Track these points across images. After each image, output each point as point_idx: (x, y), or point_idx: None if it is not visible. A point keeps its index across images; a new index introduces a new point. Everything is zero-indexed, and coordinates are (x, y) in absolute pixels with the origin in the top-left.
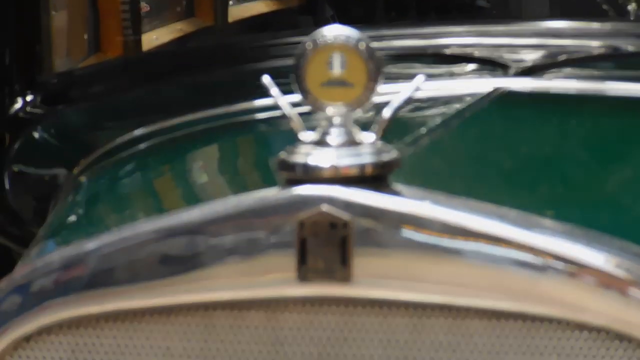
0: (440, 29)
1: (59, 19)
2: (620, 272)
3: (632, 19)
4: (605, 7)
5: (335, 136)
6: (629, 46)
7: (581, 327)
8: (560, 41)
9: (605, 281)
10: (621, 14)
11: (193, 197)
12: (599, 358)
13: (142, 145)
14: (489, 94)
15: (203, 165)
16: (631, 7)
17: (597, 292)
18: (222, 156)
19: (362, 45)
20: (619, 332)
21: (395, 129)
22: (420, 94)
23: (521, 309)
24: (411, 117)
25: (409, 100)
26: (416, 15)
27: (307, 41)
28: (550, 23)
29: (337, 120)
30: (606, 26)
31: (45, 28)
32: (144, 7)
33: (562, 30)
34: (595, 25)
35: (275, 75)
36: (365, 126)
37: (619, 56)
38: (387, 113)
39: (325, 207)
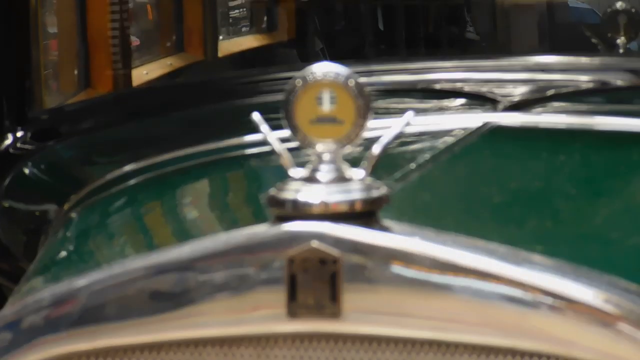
0: (430, 64)
1: (49, 54)
2: (609, 307)
3: (621, 52)
4: (594, 41)
5: (324, 172)
6: (618, 80)
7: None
8: (549, 76)
9: (594, 316)
10: (610, 48)
11: (183, 234)
12: None
13: (133, 181)
14: (479, 129)
15: (193, 201)
16: (620, 41)
17: (586, 327)
18: (212, 192)
19: (352, 82)
20: None
21: (384, 165)
22: (410, 129)
23: (511, 344)
24: (401, 152)
25: (399, 136)
26: (406, 50)
27: (296, 78)
28: (539, 58)
29: (326, 156)
30: (595, 61)
31: (36, 63)
32: (134, 41)
33: (550, 65)
34: (584, 60)
35: (265, 111)
36: (354, 162)
37: (608, 90)
38: (376, 149)
39: (315, 244)
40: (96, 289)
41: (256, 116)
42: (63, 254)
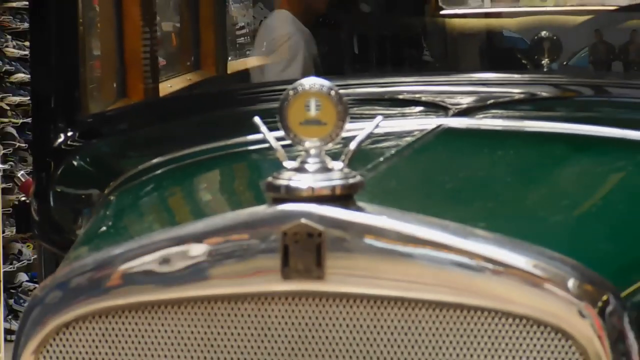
0: (395, 79)
1: (94, 72)
2: (537, 271)
3: (545, 70)
4: (524, 61)
5: (311, 164)
6: (543, 92)
7: (507, 315)
8: (488, 89)
9: (526, 278)
10: (536, 67)
11: (198, 212)
12: (521, 340)
13: (159, 171)
14: (433, 130)
15: (206, 187)
16: (544, 61)
17: (519, 287)
18: (221, 180)
19: (333, 92)
20: (537, 319)
21: (359, 158)
22: (379, 130)
23: (460, 301)
24: (372, 149)
25: (370, 136)
26: (375, 68)
27: (289, 89)
28: (481, 74)
29: (313, 151)
30: (525, 76)
31: (83, 78)
32: (161, 61)
33: (490, 80)
34: (516, 76)
35: (264, 116)
36: (335, 156)
37: (535, 100)
38: (352, 145)
39: (303, 221)
40: (129, 256)
41: (257, 119)
42: (103, 228)
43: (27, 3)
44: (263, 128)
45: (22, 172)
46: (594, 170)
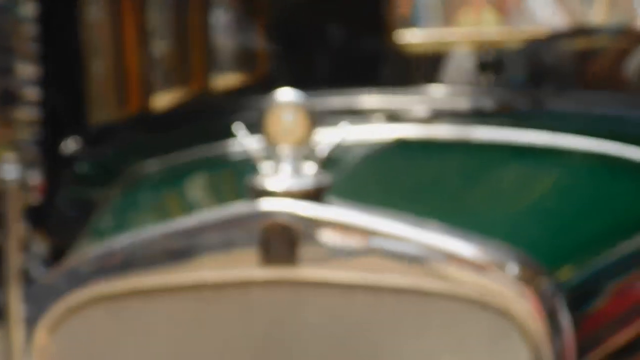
0: (359, 93)
1: (97, 88)
2: (481, 258)
3: (489, 86)
4: (469, 78)
5: (286, 166)
6: (488, 105)
7: (456, 297)
8: (440, 102)
9: (472, 265)
10: (480, 83)
11: (188, 209)
12: (468, 319)
13: (154, 174)
14: (392, 141)
15: (195, 187)
16: (489, 78)
17: (466, 273)
18: (208, 180)
19: (304, 103)
20: (482, 301)
21: (328, 161)
22: (345, 138)
23: (415, 286)
24: (339, 153)
25: (338, 145)
26: (342, 83)
27: (270, 99)
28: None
29: (287, 155)
30: (472, 93)
31: (87, 94)
32: (158, 78)
33: (439, 96)
34: (464, 92)
35: (247, 124)
36: (307, 158)
37: (482, 113)
38: (323, 150)
39: (279, 216)
40: (128, 247)
41: (238, 128)
42: (105, 224)
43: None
44: (243, 134)
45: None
46: (530, 171)
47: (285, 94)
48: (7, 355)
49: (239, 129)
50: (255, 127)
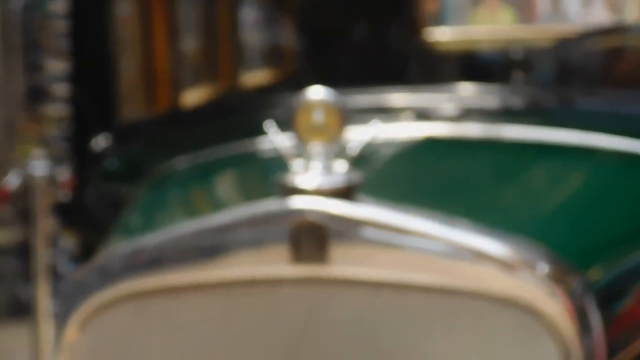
0: (388, 91)
1: (127, 87)
2: (511, 257)
3: (518, 85)
4: (498, 76)
5: (317, 164)
6: (517, 103)
7: (485, 296)
8: (467, 101)
9: (502, 264)
10: (508, 80)
11: (218, 206)
12: (497, 318)
13: (182, 169)
14: (422, 136)
15: (224, 184)
16: (518, 77)
17: (496, 272)
18: (238, 177)
19: (335, 101)
20: (511, 299)
21: (359, 159)
22: (375, 136)
23: (444, 284)
24: (370, 151)
25: (368, 141)
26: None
27: (299, 97)
28: (462, 87)
29: (318, 153)
30: (500, 92)
31: (118, 93)
32: (186, 75)
33: (467, 94)
34: (492, 90)
35: (277, 121)
36: (338, 156)
37: (511, 112)
38: (354, 148)
39: (310, 213)
40: (158, 245)
41: (268, 125)
42: (135, 221)
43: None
44: (274, 132)
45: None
46: (560, 170)
47: (316, 92)
48: (35, 349)
49: (269, 126)
50: (284, 124)
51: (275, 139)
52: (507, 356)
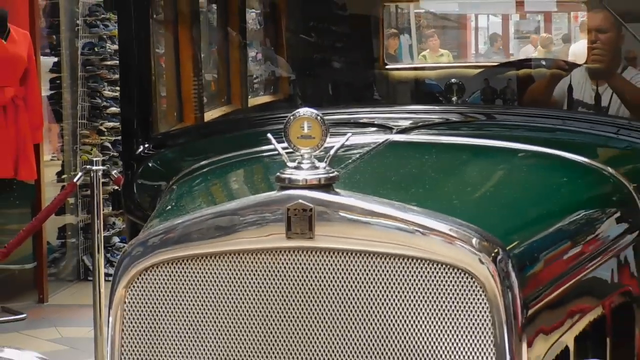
0: (358, 109)
1: (161, 106)
2: (452, 233)
3: (454, 104)
4: (440, 98)
5: (305, 164)
6: (453, 117)
7: (432, 262)
8: (418, 115)
9: (445, 238)
10: (449, 102)
11: (231, 196)
12: (442, 278)
13: (205, 169)
14: (383, 142)
15: (237, 179)
16: (454, 98)
17: (441, 243)
18: (248, 174)
19: (318, 117)
20: (452, 264)
21: (336, 160)
22: (348, 143)
23: (402, 252)
24: (344, 154)
25: (342, 146)
26: (346, 101)
27: (292, 114)
28: (413, 106)
29: (306, 156)
30: (442, 109)
31: (155, 111)
32: (207, 97)
33: (418, 110)
34: (436, 108)
35: (274, 133)
36: (320, 159)
37: (449, 123)
38: (331, 152)
39: (300, 200)
40: (186, 224)
41: (269, 135)
42: (168, 207)
43: (117, 62)
44: (273, 141)
45: (114, 171)
46: (487, 167)
47: (304, 110)
48: (94, 303)
49: (269, 136)
50: (281, 134)
51: (274, 145)
52: (449, 307)
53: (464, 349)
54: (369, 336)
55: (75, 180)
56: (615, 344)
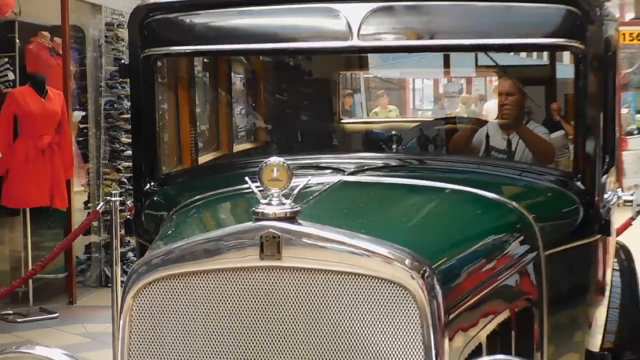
0: (316, 156)
1: (164, 152)
2: (390, 255)
3: (394, 151)
4: (383, 146)
5: (274, 200)
6: (393, 162)
7: (375, 278)
8: (365, 161)
9: (384, 259)
10: (389, 149)
11: (217, 225)
12: (382, 290)
13: (198, 203)
14: (337, 182)
15: (222, 211)
16: (394, 147)
17: (381, 263)
18: (230, 208)
19: (285, 164)
20: (390, 280)
21: (299, 198)
22: (309, 183)
23: (350, 270)
24: (305, 193)
25: (304, 186)
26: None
27: (264, 161)
28: (362, 153)
29: (275, 194)
30: (384, 155)
31: (160, 157)
32: (200, 145)
33: (365, 157)
34: (380, 154)
35: (250, 174)
36: (286, 196)
37: (394, 168)
38: (295, 191)
39: (270, 229)
40: (181, 248)
41: (247, 178)
42: (168, 233)
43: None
44: (250, 183)
45: (129, 201)
46: (419, 202)
47: (274, 159)
48: (112, 304)
49: (248, 177)
50: (256, 175)
51: (251, 185)
52: (388, 313)
53: (399, 344)
54: (324, 335)
55: (98, 208)
56: (518, 339)
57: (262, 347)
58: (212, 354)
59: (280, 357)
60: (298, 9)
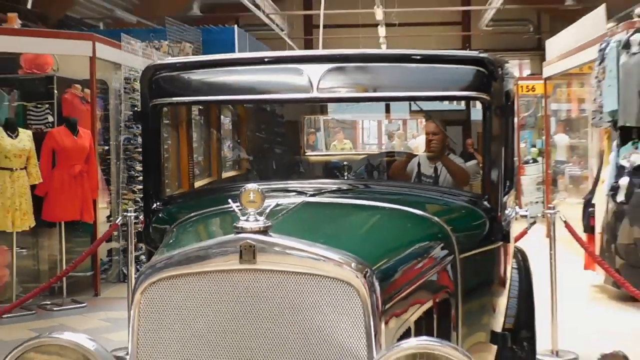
0: (285, 181)
1: (166, 179)
2: (340, 260)
3: (346, 178)
4: (338, 174)
5: (251, 218)
6: (345, 186)
7: (329, 278)
8: (324, 185)
9: (337, 263)
10: (343, 176)
11: (207, 236)
12: (333, 287)
13: (193, 218)
14: (300, 203)
15: (211, 225)
16: (345, 174)
17: (334, 266)
18: (218, 223)
19: (259, 190)
20: (340, 279)
21: (270, 215)
22: (278, 203)
23: (310, 272)
24: (276, 211)
25: (275, 206)
26: (277, 177)
27: (243, 187)
28: (321, 180)
29: (252, 213)
30: (339, 181)
31: (163, 182)
32: (196, 173)
33: (324, 182)
34: (335, 180)
35: (234, 197)
36: (260, 214)
37: (345, 190)
38: (267, 210)
39: (248, 240)
40: (179, 254)
41: (230, 200)
42: (170, 241)
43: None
44: (233, 204)
45: (141, 216)
46: (363, 218)
47: (251, 185)
48: (128, 296)
49: (231, 199)
50: (238, 198)
51: (234, 205)
52: (339, 304)
53: (347, 328)
54: (289, 322)
55: (117, 221)
56: (439, 323)
57: (241, 331)
58: (202, 338)
59: (255, 339)
60: (272, 69)
